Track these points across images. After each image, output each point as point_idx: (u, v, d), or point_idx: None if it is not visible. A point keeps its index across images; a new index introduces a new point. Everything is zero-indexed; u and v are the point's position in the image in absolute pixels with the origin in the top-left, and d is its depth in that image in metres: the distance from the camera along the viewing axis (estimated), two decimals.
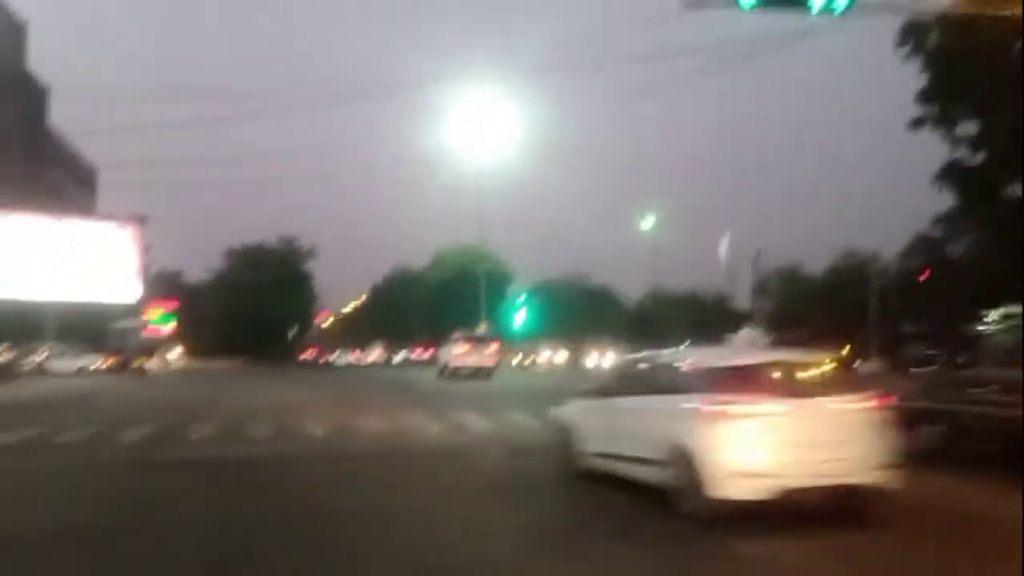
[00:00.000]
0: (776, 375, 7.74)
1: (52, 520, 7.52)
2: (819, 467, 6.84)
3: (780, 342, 57.75)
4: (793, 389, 7.41)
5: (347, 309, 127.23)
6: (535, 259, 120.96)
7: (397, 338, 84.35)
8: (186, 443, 13.10)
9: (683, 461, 7.11)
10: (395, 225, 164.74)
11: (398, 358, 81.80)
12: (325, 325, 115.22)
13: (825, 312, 67.69)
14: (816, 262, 77.24)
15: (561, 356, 66.68)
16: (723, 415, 6.90)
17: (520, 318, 68.35)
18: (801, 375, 7.94)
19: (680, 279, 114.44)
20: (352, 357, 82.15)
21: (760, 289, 76.62)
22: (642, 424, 8.06)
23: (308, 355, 78.85)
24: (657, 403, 7.95)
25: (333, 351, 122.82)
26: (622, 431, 8.42)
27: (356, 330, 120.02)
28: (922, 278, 58.57)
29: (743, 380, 7.30)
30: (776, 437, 6.85)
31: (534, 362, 63.74)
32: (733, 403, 6.91)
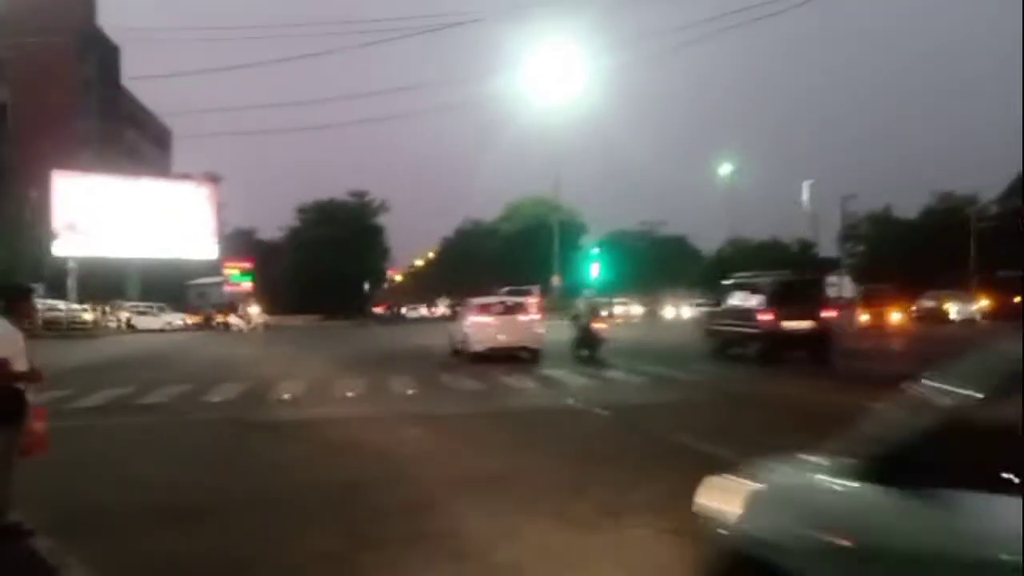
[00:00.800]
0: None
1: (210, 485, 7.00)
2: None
3: (868, 294, 54.84)
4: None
5: (418, 262, 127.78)
6: (610, 209, 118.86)
7: (468, 292, 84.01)
8: (286, 405, 12.28)
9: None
10: (467, 178, 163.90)
11: None
12: (397, 279, 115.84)
13: (919, 258, 64.14)
14: (909, 207, 73.21)
15: (638, 309, 64.96)
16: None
17: (595, 270, 66.65)
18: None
19: (759, 227, 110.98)
20: (423, 311, 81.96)
21: (849, 235, 73.08)
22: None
23: (380, 309, 78.84)
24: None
25: (404, 305, 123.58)
26: None
27: (426, 284, 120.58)
28: None
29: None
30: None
31: (610, 315, 62.22)
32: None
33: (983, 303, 53.06)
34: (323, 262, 67.16)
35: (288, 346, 28.17)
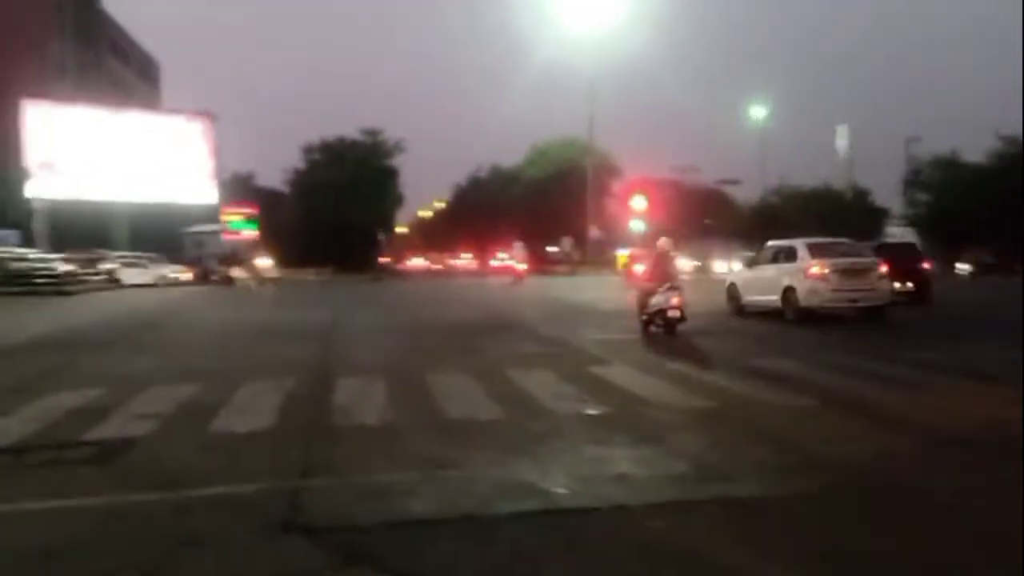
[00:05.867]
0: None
1: None
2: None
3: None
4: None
5: (424, 213, 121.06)
6: (641, 153, 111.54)
7: (489, 242, 77.17)
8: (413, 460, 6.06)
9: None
10: (486, 121, 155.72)
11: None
12: (400, 230, 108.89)
13: (992, 206, 57.69)
14: (973, 152, 66.42)
15: (686, 263, 58.47)
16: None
17: (632, 220, 60.07)
18: None
19: (803, 175, 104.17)
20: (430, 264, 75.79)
21: (912, 181, 66.56)
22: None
23: (389, 261, 72.33)
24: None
25: (414, 257, 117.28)
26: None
27: (434, 237, 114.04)
28: None
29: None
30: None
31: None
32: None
33: None
34: (332, 209, 60.44)
35: (316, 309, 21.88)
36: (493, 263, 59.14)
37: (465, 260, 79.20)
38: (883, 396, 7.36)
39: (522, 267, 37.32)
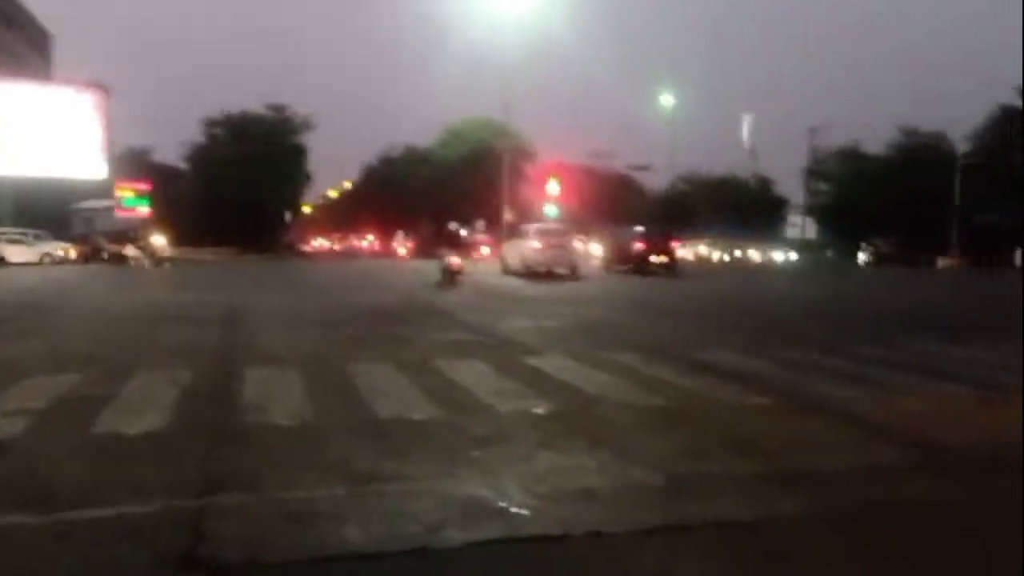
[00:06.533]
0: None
1: None
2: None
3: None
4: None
5: (331, 193, 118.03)
6: (557, 138, 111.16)
7: (395, 225, 75.66)
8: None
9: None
10: (401, 101, 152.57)
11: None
12: (308, 210, 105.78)
13: (892, 198, 59.92)
14: (872, 143, 68.87)
15: (596, 248, 58.60)
16: None
17: (546, 204, 59.70)
18: None
19: (714, 163, 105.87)
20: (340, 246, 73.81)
21: (814, 171, 68.46)
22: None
23: (293, 242, 69.79)
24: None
25: (319, 238, 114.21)
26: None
27: (340, 218, 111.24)
28: None
29: None
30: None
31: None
32: None
33: None
34: (235, 186, 57.88)
35: (218, 291, 20.54)
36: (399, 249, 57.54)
37: (368, 242, 77.50)
38: (840, 393, 6.95)
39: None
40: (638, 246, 31.54)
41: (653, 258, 31.11)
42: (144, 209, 50.18)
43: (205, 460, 4.64)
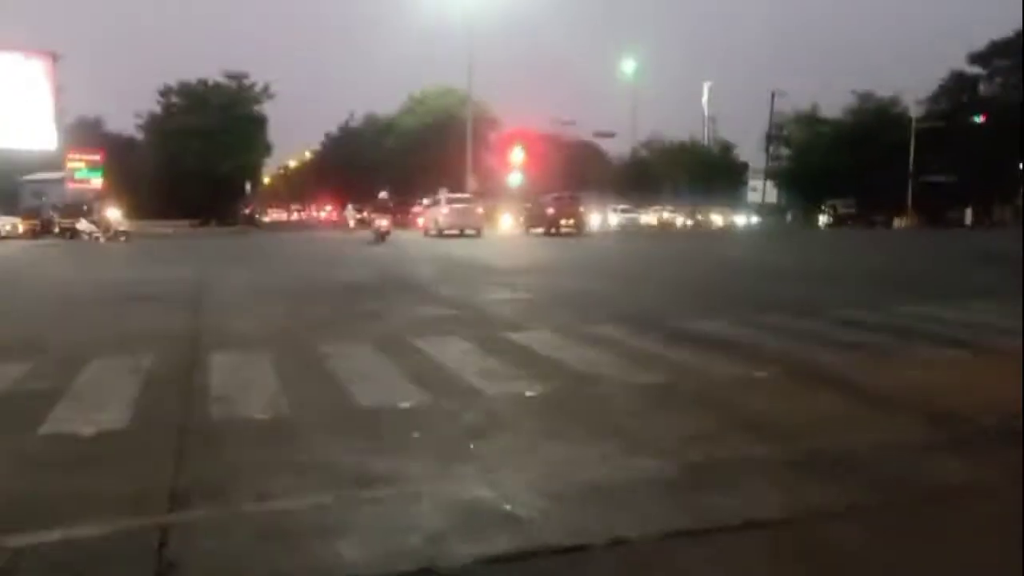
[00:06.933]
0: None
1: None
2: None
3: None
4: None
5: (291, 163, 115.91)
6: (521, 106, 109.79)
7: (355, 196, 74.37)
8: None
9: None
10: (364, 68, 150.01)
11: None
12: (267, 181, 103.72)
13: (850, 163, 60.26)
14: (832, 108, 69.03)
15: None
16: None
17: (511, 172, 58.97)
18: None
19: (677, 129, 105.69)
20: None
21: (774, 136, 68.58)
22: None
23: (252, 213, 68.22)
24: None
25: (278, 209, 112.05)
26: None
27: (301, 188, 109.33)
28: (982, 119, 51.38)
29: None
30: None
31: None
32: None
33: None
34: (193, 157, 56.28)
35: (178, 266, 19.81)
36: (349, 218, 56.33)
37: (327, 213, 76.23)
38: (838, 361, 6.65)
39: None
40: (550, 211, 35.99)
41: (563, 222, 35.48)
42: (97, 181, 48.60)
43: (170, 466, 4.15)
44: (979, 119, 52.04)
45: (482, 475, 3.94)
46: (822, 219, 58.16)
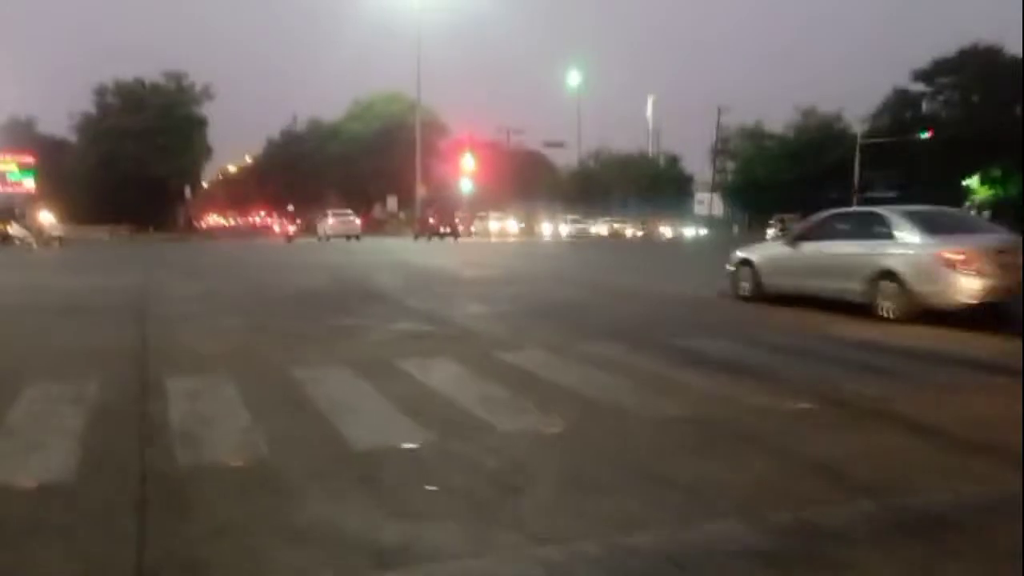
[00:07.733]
0: None
1: None
2: None
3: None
4: None
5: (231, 168, 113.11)
6: (470, 114, 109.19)
7: (304, 202, 72.71)
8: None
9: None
10: (308, 72, 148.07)
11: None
12: (206, 185, 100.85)
13: (796, 176, 61.00)
14: (772, 123, 69.91)
15: (513, 225, 57.55)
16: None
17: (461, 180, 58.09)
18: None
19: (625, 141, 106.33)
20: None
21: (720, 150, 69.19)
22: None
23: (190, 219, 66.12)
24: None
25: (214, 215, 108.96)
26: None
27: (241, 194, 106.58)
28: (929, 134, 52.31)
29: None
30: None
31: (486, 230, 54.71)
32: None
33: None
34: (130, 160, 54.15)
35: (119, 274, 18.55)
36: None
37: (262, 219, 74.66)
38: (866, 389, 6.05)
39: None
40: (431, 220, 45.10)
41: (442, 229, 43.55)
42: (29, 184, 46.46)
43: (132, 533, 3.29)
44: (926, 135, 52.98)
45: (530, 547, 3.17)
46: (770, 232, 58.70)
